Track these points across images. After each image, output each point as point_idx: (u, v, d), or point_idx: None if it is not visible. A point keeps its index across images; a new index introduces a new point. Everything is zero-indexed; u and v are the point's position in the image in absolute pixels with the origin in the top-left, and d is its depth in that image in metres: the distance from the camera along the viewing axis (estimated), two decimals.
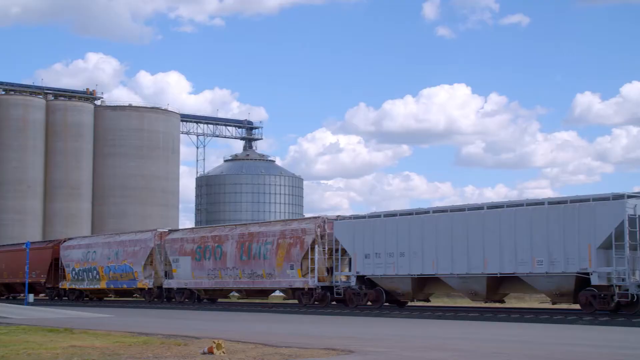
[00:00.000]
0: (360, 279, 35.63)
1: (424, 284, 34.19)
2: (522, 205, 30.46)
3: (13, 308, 38.36)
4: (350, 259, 36.31)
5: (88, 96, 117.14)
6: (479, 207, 31.84)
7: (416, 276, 33.41)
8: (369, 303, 35.81)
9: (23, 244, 55.70)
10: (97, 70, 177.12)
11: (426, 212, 33.74)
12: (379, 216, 35.42)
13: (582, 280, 28.46)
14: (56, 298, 54.64)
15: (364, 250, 35.07)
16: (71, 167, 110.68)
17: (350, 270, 36.32)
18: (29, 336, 21.76)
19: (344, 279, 36.69)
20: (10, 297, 60.12)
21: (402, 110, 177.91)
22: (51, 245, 56.54)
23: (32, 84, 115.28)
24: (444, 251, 32.10)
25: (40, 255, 55.11)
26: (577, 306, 29.86)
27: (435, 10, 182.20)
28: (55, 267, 54.65)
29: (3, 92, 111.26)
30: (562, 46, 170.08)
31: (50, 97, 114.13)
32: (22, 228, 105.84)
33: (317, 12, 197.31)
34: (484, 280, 31.20)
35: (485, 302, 33.52)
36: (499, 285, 31.68)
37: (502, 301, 34.07)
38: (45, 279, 54.85)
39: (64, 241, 55.97)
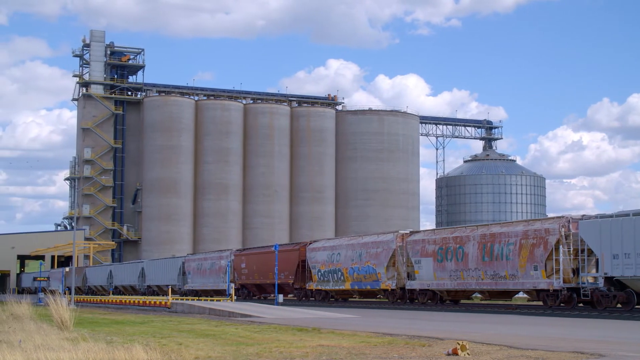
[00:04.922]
0: (609, 280, 34.30)
1: None
2: None
3: (265, 308, 40.14)
4: (597, 260, 35.05)
5: (330, 102, 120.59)
6: None
7: None
8: (619, 305, 34.39)
9: (272, 246, 57.93)
10: (337, 76, 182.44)
11: None
12: (627, 215, 33.96)
13: None
14: (303, 298, 56.34)
15: (612, 250, 33.73)
16: (315, 171, 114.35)
17: (597, 271, 35.07)
18: (279, 335, 22.74)
19: (590, 280, 35.48)
20: (262, 297, 62.67)
21: None
22: (297, 247, 58.29)
23: (277, 92, 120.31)
24: None
25: (287, 257, 57.08)
26: None
27: None
28: (302, 269, 56.36)
29: (251, 101, 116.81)
30: None
31: (294, 104, 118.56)
32: (270, 231, 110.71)
33: (554, 7, 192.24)
34: None
35: None
36: None
37: None
38: (293, 280, 56.74)
39: (310, 243, 57.59)
